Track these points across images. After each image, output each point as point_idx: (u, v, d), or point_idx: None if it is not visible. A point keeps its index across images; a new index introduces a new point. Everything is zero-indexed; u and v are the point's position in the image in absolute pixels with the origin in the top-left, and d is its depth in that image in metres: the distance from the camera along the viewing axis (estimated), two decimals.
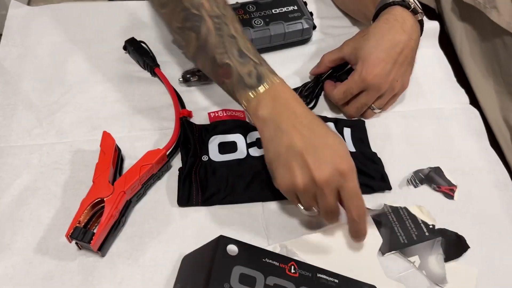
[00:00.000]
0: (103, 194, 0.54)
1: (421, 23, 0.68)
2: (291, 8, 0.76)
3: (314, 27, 0.78)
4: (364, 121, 0.70)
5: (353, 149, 0.65)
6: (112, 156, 0.58)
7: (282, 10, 0.75)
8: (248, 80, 0.53)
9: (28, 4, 0.79)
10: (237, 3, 0.77)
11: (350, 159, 0.51)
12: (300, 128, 0.51)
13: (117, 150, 0.61)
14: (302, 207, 0.55)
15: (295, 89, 0.70)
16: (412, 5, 0.65)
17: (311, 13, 0.78)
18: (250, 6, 0.76)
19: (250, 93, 0.53)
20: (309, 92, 0.71)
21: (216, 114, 0.68)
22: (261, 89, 0.53)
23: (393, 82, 0.65)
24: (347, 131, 0.67)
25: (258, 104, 0.53)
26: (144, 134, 0.66)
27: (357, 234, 0.54)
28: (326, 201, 0.51)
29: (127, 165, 0.62)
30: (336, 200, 0.52)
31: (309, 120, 0.52)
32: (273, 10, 0.75)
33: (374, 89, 0.64)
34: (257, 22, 0.73)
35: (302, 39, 0.77)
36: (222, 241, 0.47)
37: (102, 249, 0.54)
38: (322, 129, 0.52)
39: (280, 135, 0.51)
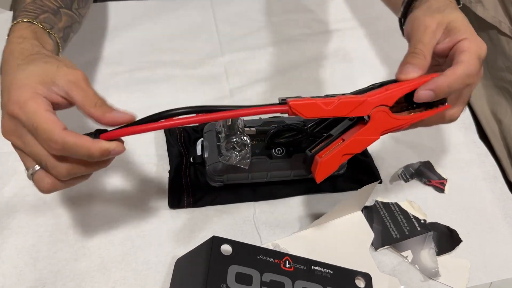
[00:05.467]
0: None
1: None
2: None
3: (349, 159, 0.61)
4: None
5: None
6: None
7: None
8: None
9: (11, 9, 0.78)
10: (260, 119, 0.62)
11: (19, 98, 0.41)
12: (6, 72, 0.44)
13: None
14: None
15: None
16: None
17: None
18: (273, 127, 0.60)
19: None
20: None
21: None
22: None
23: None
24: None
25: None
26: (134, 137, 0.65)
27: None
28: (27, 150, 0.42)
29: (115, 173, 0.62)
30: (36, 146, 0.42)
31: (12, 61, 0.45)
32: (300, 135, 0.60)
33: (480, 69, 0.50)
34: (278, 149, 0.60)
35: (331, 175, 0.61)
36: (215, 242, 0.47)
37: None
38: (11, 70, 0.44)
39: None
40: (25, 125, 0.41)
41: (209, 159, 0.58)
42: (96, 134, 0.42)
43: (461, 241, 0.59)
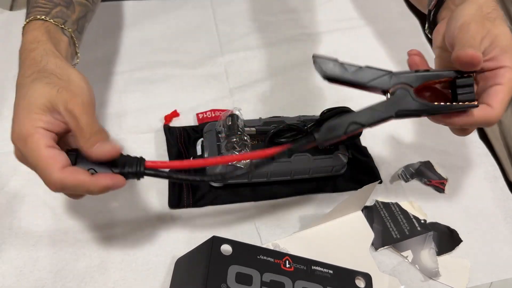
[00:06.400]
0: None
1: None
2: None
3: (349, 159, 0.62)
4: None
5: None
6: None
7: None
8: None
9: (11, 9, 0.78)
10: (260, 119, 0.63)
11: (20, 131, 0.41)
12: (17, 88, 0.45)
13: None
14: None
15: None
16: None
17: (347, 145, 0.63)
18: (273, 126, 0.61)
19: None
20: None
21: (205, 115, 0.68)
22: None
23: None
24: None
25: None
26: (133, 137, 0.65)
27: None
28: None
29: None
30: None
31: (23, 80, 0.44)
32: None
33: None
34: None
35: (331, 175, 0.63)
36: (215, 242, 0.47)
37: None
38: (20, 85, 0.44)
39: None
40: (27, 161, 0.42)
41: None
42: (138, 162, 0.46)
43: (461, 241, 0.59)
